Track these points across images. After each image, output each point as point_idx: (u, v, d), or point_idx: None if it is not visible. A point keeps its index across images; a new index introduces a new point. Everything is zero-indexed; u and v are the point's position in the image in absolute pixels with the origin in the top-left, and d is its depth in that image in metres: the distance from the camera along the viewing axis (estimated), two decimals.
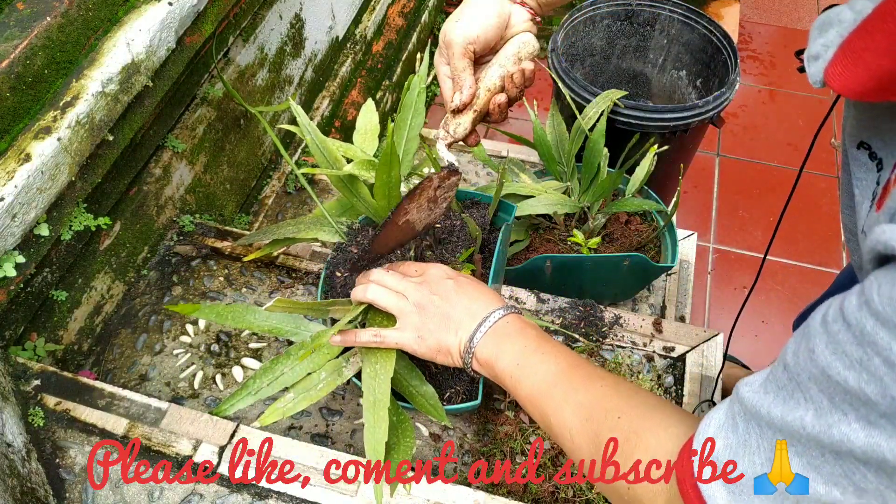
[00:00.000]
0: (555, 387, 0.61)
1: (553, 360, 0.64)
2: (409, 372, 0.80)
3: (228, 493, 0.88)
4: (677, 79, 1.67)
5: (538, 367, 0.64)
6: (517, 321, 0.70)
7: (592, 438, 0.55)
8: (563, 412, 0.59)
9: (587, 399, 0.58)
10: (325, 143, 0.92)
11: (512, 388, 0.65)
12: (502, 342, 0.67)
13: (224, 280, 1.28)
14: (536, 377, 0.63)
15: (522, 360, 0.65)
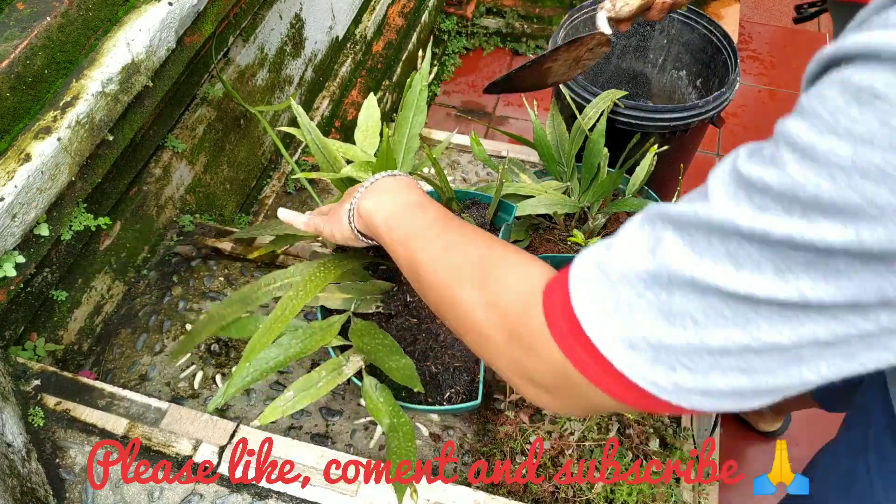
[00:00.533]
0: (428, 227, 0.60)
1: (431, 208, 0.63)
2: (389, 349, 0.81)
3: (228, 493, 0.88)
4: (677, 79, 1.67)
5: (415, 212, 0.63)
6: (403, 180, 0.69)
7: (455, 268, 0.52)
8: (432, 247, 0.57)
9: (458, 237, 0.56)
10: (325, 143, 0.92)
11: (386, 237, 0.64)
12: (381, 196, 0.67)
13: (224, 280, 1.28)
14: (410, 222, 0.62)
15: (401, 210, 0.64)
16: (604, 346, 0.37)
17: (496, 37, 2.70)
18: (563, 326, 0.40)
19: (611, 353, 0.37)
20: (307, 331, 0.81)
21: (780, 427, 1.63)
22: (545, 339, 0.41)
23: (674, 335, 0.35)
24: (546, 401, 0.45)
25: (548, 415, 1.01)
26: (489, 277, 0.49)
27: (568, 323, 0.39)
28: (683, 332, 0.34)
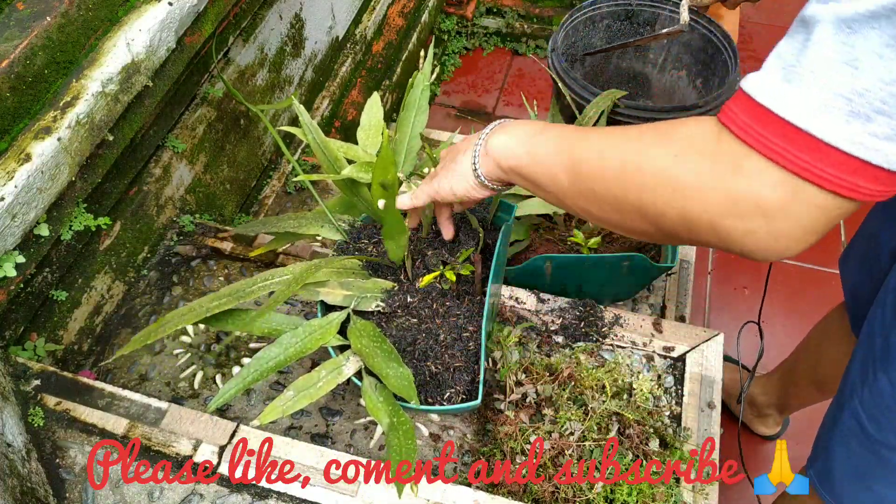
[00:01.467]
0: (577, 133, 0.59)
1: (566, 126, 0.63)
2: (387, 355, 0.80)
3: (228, 493, 0.88)
4: (677, 79, 1.67)
5: (553, 131, 0.62)
6: (517, 121, 0.70)
7: (628, 140, 0.52)
8: (589, 139, 0.56)
9: (618, 129, 0.56)
10: (326, 143, 0.92)
11: (528, 161, 0.63)
12: (507, 131, 0.67)
13: (224, 280, 1.28)
14: (553, 138, 0.61)
15: (535, 132, 0.64)
16: (801, 119, 0.39)
17: (496, 37, 2.70)
18: (758, 129, 0.42)
19: (809, 123, 0.39)
20: (307, 329, 0.81)
21: (779, 431, 1.63)
22: (748, 156, 0.42)
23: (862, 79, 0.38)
24: (764, 232, 0.44)
25: (548, 414, 1.01)
26: (667, 136, 0.49)
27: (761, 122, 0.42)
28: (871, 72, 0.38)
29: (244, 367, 0.77)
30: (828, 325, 1.24)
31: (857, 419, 0.80)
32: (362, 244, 0.95)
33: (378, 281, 0.90)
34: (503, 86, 2.59)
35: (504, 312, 1.15)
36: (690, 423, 1.03)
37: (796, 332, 1.83)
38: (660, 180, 0.48)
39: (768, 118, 0.42)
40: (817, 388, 1.31)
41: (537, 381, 1.04)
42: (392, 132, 0.96)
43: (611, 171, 0.53)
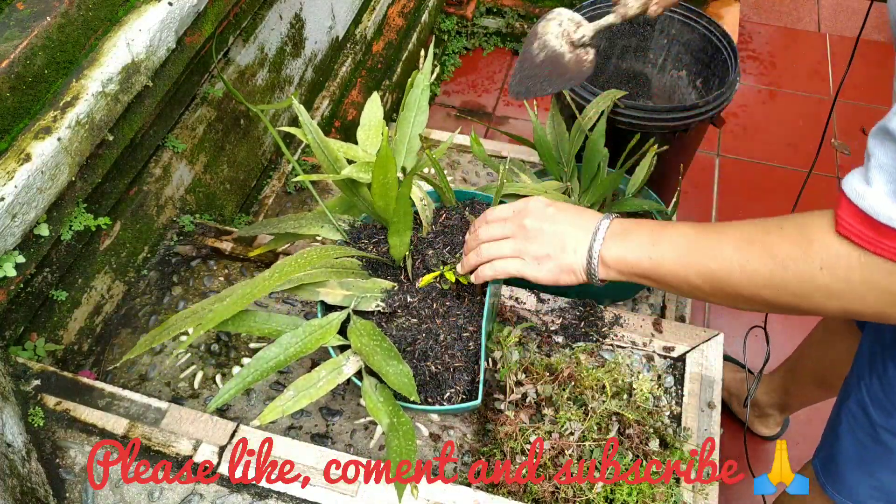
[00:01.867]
0: (700, 241, 0.65)
1: (683, 228, 0.68)
2: (387, 353, 0.80)
3: (228, 493, 0.88)
4: (677, 79, 1.67)
5: (673, 238, 0.67)
6: (623, 222, 0.74)
7: (764, 252, 0.59)
8: (723, 252, 0.62)
9: (740, 233, 0.62)
10: (326, 143, 0.92)
11: (653, 269, 0.68)
12: (625, 239, 0.71)
13: (224, 280, 1.28)
14: (677, 247, 0.66)
15: (654, 241, 0.68)
16: None
17: (496, 37, 2.70)
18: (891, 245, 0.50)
19: None
20: (307, 328, 0.81)
21: (779, 431, 1.63)
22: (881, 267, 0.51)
23: None
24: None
25: (548, 414, 1.01)
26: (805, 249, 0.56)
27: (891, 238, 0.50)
28: None
29: (244, 368, 0.77)
30: (829, 322, 1.24)
31: (863, 407, 0.80)
32: (362, 244, 0.95)
33: (378, 281, 0.90)
34: (503, 86, 2.59)
35: (504, 312, 1.15)
36: (690, 423, 1.03)
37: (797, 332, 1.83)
38: (813, 288, 0.57)
39: None
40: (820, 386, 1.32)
41: (537, 381, 1.04)
42: (392, 132, 0.96)
43: (757, 281, 0.60)
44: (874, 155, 0.52)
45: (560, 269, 0.74)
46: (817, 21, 2.74)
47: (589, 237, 0.72)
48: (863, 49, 2.63)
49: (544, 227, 0.75)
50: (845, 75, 0.87)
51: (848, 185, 0.53)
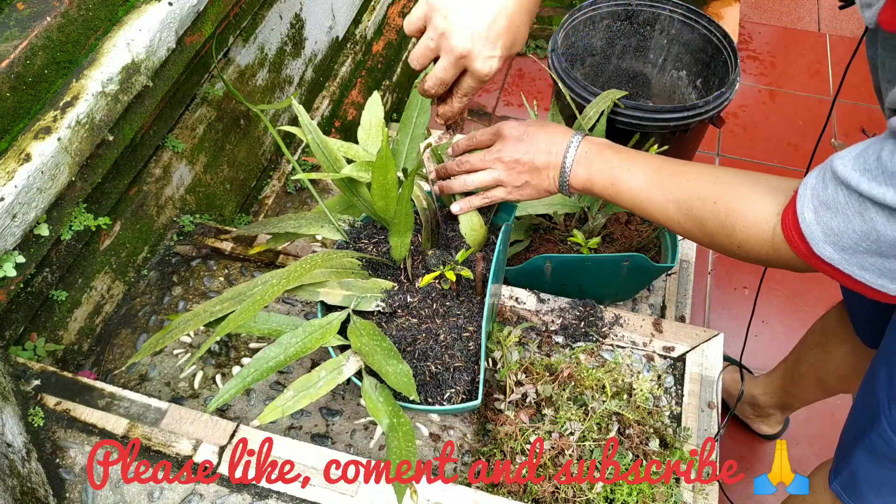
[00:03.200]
0: (651, 193, 0.75)
1: (640, 170, 0.76)
2: (387, 353, 0.80)
3: (228, 493, 0.88)
4: (677, 79, 1.67)
5: (630, 180, 0.77)
6: (593, 145, 0.81)
7: (698, 226, 0.70)
8: (667, 210, 0.73)
9: (682, 195, 0.71)
10: (326, 142, 0.92)
11: (613, 201, 0.80)
12: (590, 167, 0.80)
13: (224, 280, 1.28)
14: (632, 190, 0.76)
15: (614, 179, 0.78)
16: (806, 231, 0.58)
17: None
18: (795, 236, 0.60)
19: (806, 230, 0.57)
20: (307, 328, 0.81)
21: (780, 430, 1.63)
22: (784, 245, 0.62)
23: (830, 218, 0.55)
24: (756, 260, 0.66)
25: (548, 414, 1.01)
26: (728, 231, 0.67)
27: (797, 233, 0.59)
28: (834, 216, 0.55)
29: (244, 368, 0.77)
30: (827, 324, 1.23)
31: (885, 438, 0.80)
32: (362, 244, 0.95)
33: (378, 281, 0.90)
34: (503, 86, 2.59)
35: (504, 312, 1.15)
36: (690, 423, 1.03)
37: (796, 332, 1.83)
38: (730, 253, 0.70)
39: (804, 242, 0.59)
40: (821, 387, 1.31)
41: (537, 381, 1.04)
42: (393, 132, 0.96)
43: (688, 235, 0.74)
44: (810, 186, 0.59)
45: (538, 192, 0.85)
46: (817, 21, 2.74)
47: (559, 165, 0.81)
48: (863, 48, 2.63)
49: (520, 157, 0.83)
50: (844, 75, 0.86)
51: (801, 207, 0.59)
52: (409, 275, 0.92)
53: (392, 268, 0.93)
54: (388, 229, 0.89)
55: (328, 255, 0.84)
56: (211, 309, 0.80)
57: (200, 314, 0.80)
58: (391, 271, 0.93)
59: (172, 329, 0.79)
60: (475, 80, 0.72)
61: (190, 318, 0.80)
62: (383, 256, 0.93)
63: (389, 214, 0.86)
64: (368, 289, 0.89)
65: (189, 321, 0.79)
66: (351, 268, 0.89)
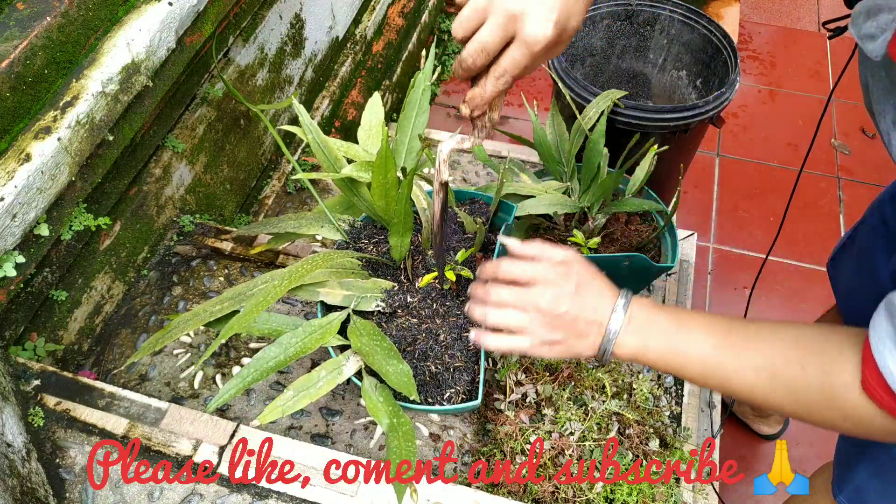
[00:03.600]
0: (722, 361, 0.65)
1: (703, 335, 0.66)
2: (387, 352, 0.80)
3: (228, 493, 0.88)
4: (677, 79, 1.67)
5: (693, 347, 0.66)
6: (641, 309, 0.70)
7: (788, 393, 0.61)
8: (745, 378, 0.63)
9: (762, 361, 0.62)
10: (326, 142, 0.92)
11: (675, 373, 0.69)
12: (642, 335, 0.69)
13: (224, 280, 1.28)
14: (697, 359, 0.66)
15: (673, 347, 0.67)
16: None
17: None
18: None
19: None
20: (307, 328, 0.81)
21: (780, 430, 1.63)
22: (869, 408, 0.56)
23: None
24: None
25: (548, 414, 1.01)
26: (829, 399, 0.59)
27: None
28: None
29: (244, 368, 0.77)
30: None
31: (891, 455, 0.79)
32: (362, 244, 0.95)
33: (378, 281, 0.90)
34: None
35: None
36: (690, 423, 1.03)
37: None
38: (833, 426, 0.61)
39: None
40: None
41: (537, 381, 1.04)
42: (393, 132, 0.96)
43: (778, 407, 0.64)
44: None
45: (569, 353, 0.72)
46: (817, 21, 2.74)
47: (601, 332, 0.69)
48: None
49: (559, 310, 0.70)
50: (841, 75, 0.86)
51: (881, 358, 0.53)
52: (409, 275, 0.92)
53: (392, 268, 0.93)
54: (388, 229, 0.89)
55: (328, 256, 0.84)
56: (211, 309, 0.80)
57: (200, 314, 0.80)
58: (391, 271, 0.93)
59: (172, 329, 0.79)
60: (523, 51, 0.60)
61: (190, 318, 0.80)
62: (383, 256, 0.93)
63: (389, 214, 0.86)
64: (368, 289, 0.89)
65: (189, 321, 0.79)
66: (351, 268, 0.89)
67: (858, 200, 2.14)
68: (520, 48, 0.60)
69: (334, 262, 0.85)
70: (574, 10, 0.60)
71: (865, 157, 2.22)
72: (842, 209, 2.12)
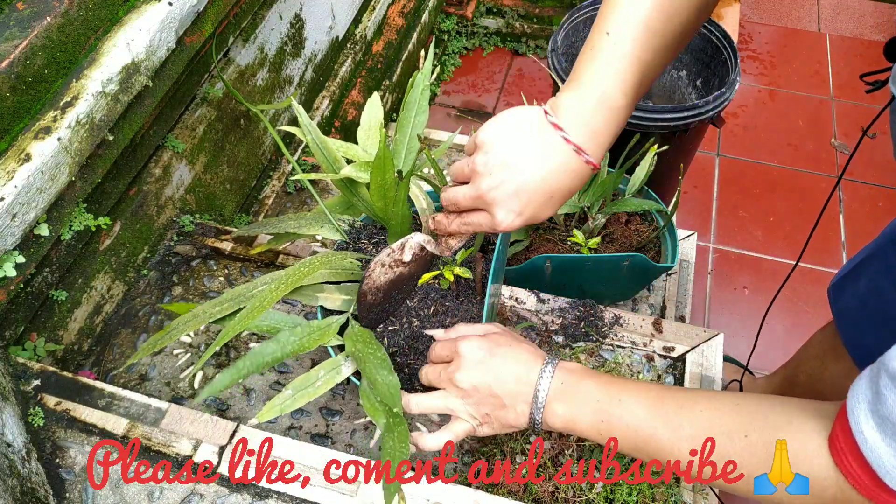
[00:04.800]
0: (656, 429, 0.61)
1: (636, 402, 0.63)
2: (380, 363, 0.80)
3: (228, 493, 0.88)
4: (677, 79, 1.67)
5: (625, 416, 0.63)
6: (570, 374, 0.68)
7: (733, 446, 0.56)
8: (680, 450, 0.59)
9: (698, 430, 0.58)
10: (325, 143, 0.92)
11: (598, 436, 0.65)
12: (572, 403, 0.66)
13: (224, 280, 1.28)
14: (630, 428, 0.62)
15: (604, 416, 0.64)
16: None
17: (496, 37, 2.70)
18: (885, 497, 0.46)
19: None
20: (306, 328, 0.81)
21: None
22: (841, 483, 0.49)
23: None
24: None
25: None
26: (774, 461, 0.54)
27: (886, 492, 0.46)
28: None
29: (240, 359, 0.77)
30: (826, 337, 1.23)
31: None
32: (362, 244, 0.95)
33: None
34: (503, 86, 2.59)
35: (504, 312, 1.15)
36: None
37: (797, 331, 1.83)
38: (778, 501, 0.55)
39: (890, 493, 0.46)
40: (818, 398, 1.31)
41: None
42: (392, 132, 0.96)
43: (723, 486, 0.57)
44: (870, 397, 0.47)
45: (501, 427, 0.70)
46: (817, 21, 2.74)
47: (529, 403, 0.67)
48: (863, 49, 2.63)
49: (479, 383, 0.69)
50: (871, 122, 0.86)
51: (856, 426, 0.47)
52: None
53: None
54: (387, 230, 0.89)
55: (327, 257, 0.84)
56: (211, 310, 0.80)
57: (200, 315, 0.80)
58: None
59: (172, 329, 0.79)
60: (486, 223, 0.66)
61: (189, 319, 0.80)
62: None
63: (388, 215, 0.86)
64: None
65: (189, 322, 0.79)
66: (350, 269, 0.89)
67: (858, 200, 2.14)
68: (487, 221, 0.65)
69: (333, 264, 0.85)
70: (545, 209, 0.64)
71: (865, 157, 2.22)
72: (842, 209, 2.12)
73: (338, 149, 0.94)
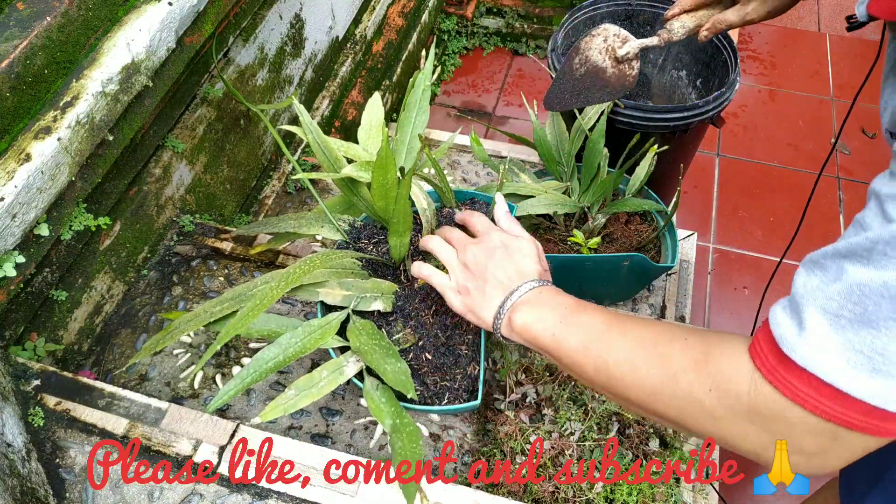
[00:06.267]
0: (606, 332, 0.62)
1: (596, 313, 0.65)
2: (386, 351, 0.80)
3: (228, 493, 0.88)
4: (677, 79, 1.67)
5: (582, 321, 0.64)
6: (550, 291, 0.71)
7: (660, 358, 0.56)
8: (622, 348, 0.59)
9: (647, 333, 0.59)
10: (326, 142, 0.92)
11: (553, 347, 0.65)
12: (536, 309, 0.68)
13: (224, 280, 1.28)
14: (581, 331, 0.63)
15: (563, 320, 0.65)
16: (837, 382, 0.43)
17: (496, 37, 2.70)
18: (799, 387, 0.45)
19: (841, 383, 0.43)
20: (306, 329, 0.81)
21: None
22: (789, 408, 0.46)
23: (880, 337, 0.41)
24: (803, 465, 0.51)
25: (548, 414, 1.01)
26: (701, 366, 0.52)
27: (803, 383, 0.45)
28: None
29: (243, 368, 0.77)
30: None
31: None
32: (362, 244, 0.95)
33: (378, 281, 0.90)
34: (503, 86, 2.59)
35: None
36: None
37: None
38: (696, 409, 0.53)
39: (805, 376, 0.45)
40: None
41: (537, 381, 1.04)
42: (392, 132, 0.96)
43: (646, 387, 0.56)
44: None
45: (469, 309, 0.74)
46: (817, 21, 2.74)
47: (505, 295, 0.71)
48: (862, 49, 2.63)
49: (479, 265, 0.74)
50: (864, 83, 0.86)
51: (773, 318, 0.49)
52: (408, 275, 0.92)
53: (392, 268, 0.93)
54: (388, 229, 0.89)
55: (327, 256, 0.84)
56: (211, 310, 0.80)
57: (200, 315, 0.80)
58: (390, 271, 0.93)
59: (172, 329, 0.79)
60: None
61: (190, 319, 0.80)
62: (383, 256, 0.93)
63: (389, 214, 0.86)
64: (368, 289, 0.89)
65: (189, 322, 0.79)
66: (351, 268, 0.89)
67: (858, 200, 2.14)
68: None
69: (333, 263, 0.85)
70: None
71: (865, 157, 2.22)
72: (842, 209, 2.12)
73: (339, 148, 0.94)
